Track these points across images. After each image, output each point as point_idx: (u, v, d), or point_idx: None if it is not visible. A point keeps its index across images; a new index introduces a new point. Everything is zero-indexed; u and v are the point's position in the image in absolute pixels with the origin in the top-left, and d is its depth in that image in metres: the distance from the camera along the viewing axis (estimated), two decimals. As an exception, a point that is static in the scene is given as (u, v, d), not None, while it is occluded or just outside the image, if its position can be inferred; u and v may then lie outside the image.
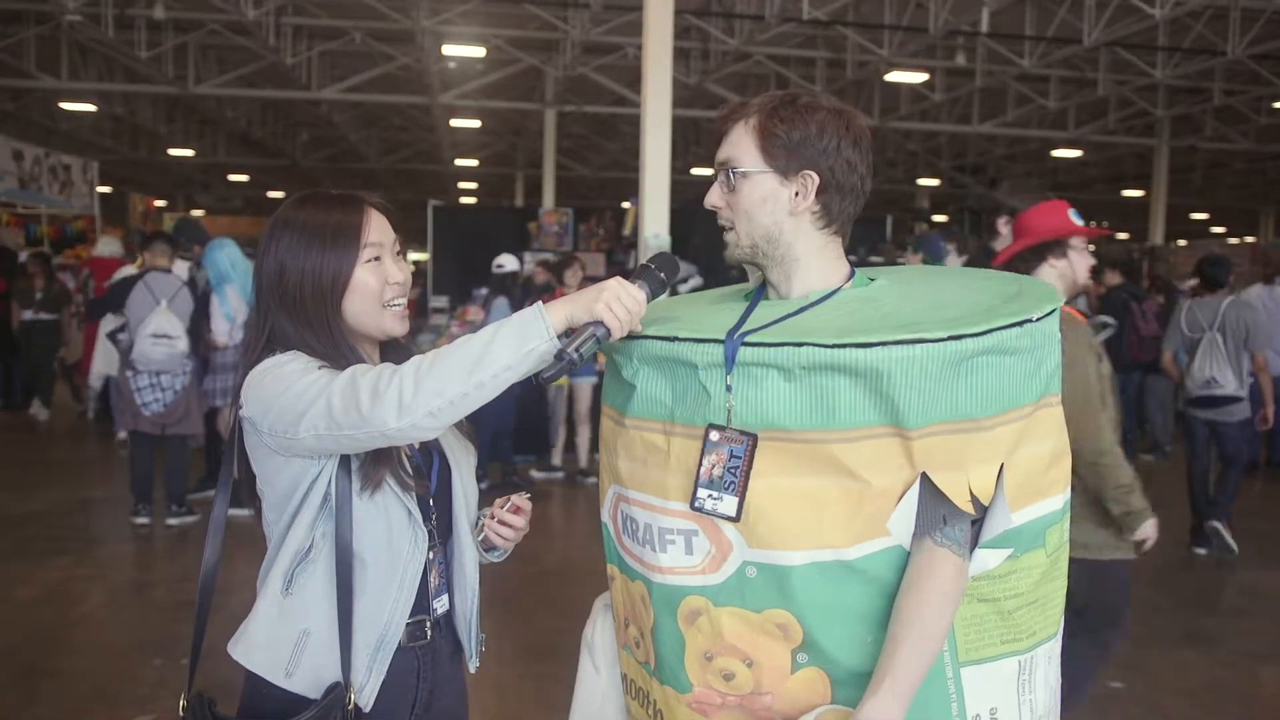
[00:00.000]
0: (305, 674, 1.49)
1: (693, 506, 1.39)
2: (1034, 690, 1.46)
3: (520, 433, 7.56)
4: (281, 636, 1.50)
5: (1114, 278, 8.66)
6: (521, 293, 7.82)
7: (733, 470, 1.36)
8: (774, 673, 1.39)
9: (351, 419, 1.37)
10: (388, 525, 1.50)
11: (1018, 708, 1.43)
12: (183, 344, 5.81)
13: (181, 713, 1.57)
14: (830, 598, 1.36)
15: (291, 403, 1.42)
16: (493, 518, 1.66)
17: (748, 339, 1.37)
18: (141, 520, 5.92)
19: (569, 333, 1.36)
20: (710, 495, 1.37)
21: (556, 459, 7.61)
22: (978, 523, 1.37)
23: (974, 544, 1.37)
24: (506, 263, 7.67)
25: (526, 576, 5.02)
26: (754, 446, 1.35)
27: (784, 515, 1.35)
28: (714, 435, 1.38)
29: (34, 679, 3.79)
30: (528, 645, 4.12)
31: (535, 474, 7.48)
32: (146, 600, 4.71)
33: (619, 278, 1.40)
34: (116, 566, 5.22)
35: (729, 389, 1.37)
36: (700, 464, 1.38)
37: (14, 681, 3.77)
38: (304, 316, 1.52)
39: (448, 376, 1.33)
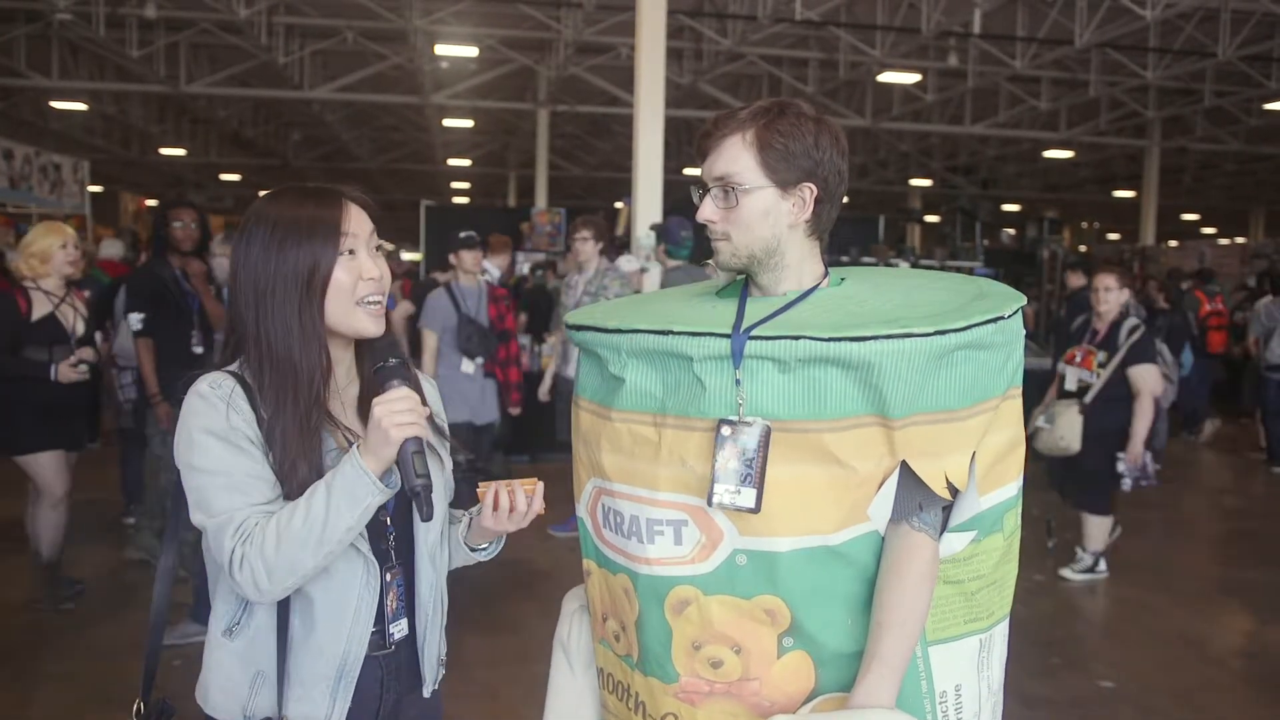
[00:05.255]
0: (262, 714, 1.48)
1: (710, 504, 1.40)
2: (991, 667, 1.54)
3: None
4: (236, 680, 1.48)
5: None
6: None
7: (748, 463, 1.38)
8: (761, 658, 1.42)
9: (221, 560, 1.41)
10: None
11: (978, 683, 1.51)
12: None
13: (135, 718, 1.57)
14: (815, 582, 1.40)
15: (194, 498, 1.42)
16: (495, 505, 1.52)
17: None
18: (132, 521, 5.90)
19: (399, 464, 1.36)
20: (728, 490, 1.39)
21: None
22: (947, 508, 1.43)
23: (942, 528, 1.43)
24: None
25: (519, 577, 5.02)
26: (768, 437, 1.38)
27: (776, 503, 1.38)
28: (725, 430, 1.39)
29: (26, 681, 3.78)
30: (519, 647, 4.12)
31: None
32: (139, 602, 4.69)
33: (375, 400, 1.37)
34: (108, 568, 5.20)
35: (738, 383, 1.39)
36: (715, 460, 1.39)
37: (6, 683, 3.75)
38: (276, 318, 1.44)
39: (298, 556, 1.35)
